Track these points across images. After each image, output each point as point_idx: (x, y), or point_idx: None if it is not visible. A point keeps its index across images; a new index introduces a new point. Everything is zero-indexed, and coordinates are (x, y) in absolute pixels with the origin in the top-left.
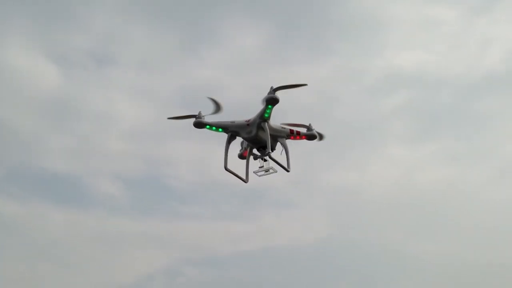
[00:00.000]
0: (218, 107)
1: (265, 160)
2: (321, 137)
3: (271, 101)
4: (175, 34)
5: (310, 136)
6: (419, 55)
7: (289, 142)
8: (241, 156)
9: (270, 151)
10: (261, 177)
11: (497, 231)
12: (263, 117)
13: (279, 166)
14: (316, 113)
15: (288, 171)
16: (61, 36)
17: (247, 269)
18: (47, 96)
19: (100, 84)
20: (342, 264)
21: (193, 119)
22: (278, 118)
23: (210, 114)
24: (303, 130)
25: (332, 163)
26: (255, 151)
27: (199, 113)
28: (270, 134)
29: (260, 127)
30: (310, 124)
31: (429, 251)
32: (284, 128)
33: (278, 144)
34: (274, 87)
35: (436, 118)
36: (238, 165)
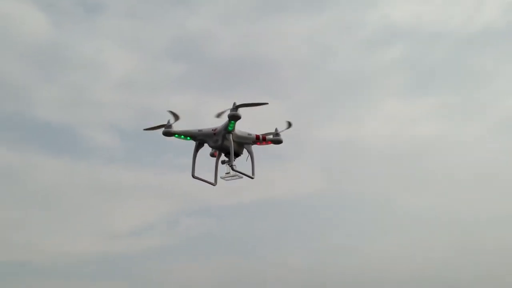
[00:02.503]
0: (176, 117)
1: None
2: (289, 124)
3: (234, 118)
4: None
5: (276, 141)
6: (416, 8)
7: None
8: (213, 155)
9: (233, 165)
10: (228, 181)
11: (491, 185)
12: (227, 130)
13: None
14: (310, 66)
15: (252, 178)
16: None
17: (243, 220)
18: (36, 44)
19: (90, 32)
20: (336, 215)
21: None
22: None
23: (173, 123)
24: (270, 136)
25: (327, 118)
26: (224, 156)
27: (168, 121)
28: (236, 141)
29: (225, 138)
30: (276, 129)
31: (422, 204)
32: (250, 134)
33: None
34: (237, 103)
35: (432, 72)
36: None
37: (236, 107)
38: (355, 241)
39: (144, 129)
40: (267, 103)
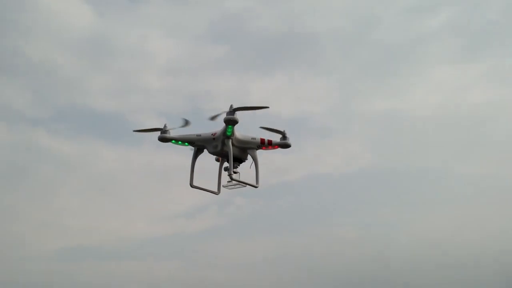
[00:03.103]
0: (186, 123)
1: (235, 173)
2: (280, 132)
3: (230, 122)
4: None
5: (284, 145)
6: None
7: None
8: (218, 160)
9: (232, 174)
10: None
11: None
12: (225, 135)
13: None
14: (353, 38)
15: (256, 187)
16: None
17: (291, 198)
18: (84, 36)
19: (134, 21)
20: (385, 189)
21: (158, 132)
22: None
23: (178, 127)
24: (276, 139)
25: (374, 90)
26: (227, 162)
27: (165, 126)
28: (239, 147)
29: (225, 143)
30: (284, 131)
31: (474, 173)
32: (255, 138)
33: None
34: (234, 106)
35: (483, 36)
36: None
37: (233, 110)
38: (408, 214)
39: (134, 131)
40: (267, 107)
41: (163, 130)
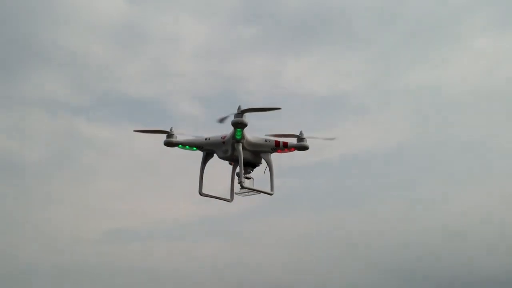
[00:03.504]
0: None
1: (248, 178)
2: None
3: (238, 126)
4: None
5: (301, 147)
6: None
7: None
8: (231, 163)
9: (242, 181)
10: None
11: None
12: (235, 139)
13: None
14: (387, 10)
15: (270, 194)
16: None
17: (330, 176)
18: (116, 23)
19: (164, 5)
20: (425, 165)
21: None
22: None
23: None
24: (292, 141)
25: (411, 63)
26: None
27: (171, 129)
28: (250, 150)
29: (235, 147)
30: (301, 132)
31: None
32: (269, 141)
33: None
34: (243, 108)
35: None
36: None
37: (241, 112)
38: (453, 189)
39: (135, 131)
40: (279, 108)
41: (169, 134)
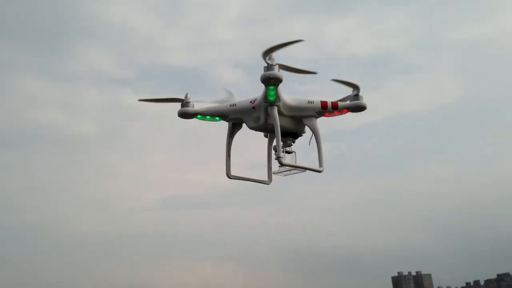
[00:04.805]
0: (230, 95)
1: (288, 153)
2: (354, 87)
3: (271, 81)
4: None
5: (356, 107)
6: None
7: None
8: (266, 136)
9: (281, 157)
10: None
11: None
12: (268, 101)
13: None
14: None
15: (320, 171)
16: None
17: (378, 139)
18: None
19: None
20: (478, 124)
21: (177, 104)
22: None
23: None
24: (343, 102)
25: (458, 18)
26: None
27: (186, 96)
28: (290, 116)
29: (269, 113)
30: (355, 89)
31: None
32: (312, 102)
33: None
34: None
35: None
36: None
37: (271, 65)
38: (503, 149)
39: (140, 100)
40: (315, 73)
41: (184, 103)
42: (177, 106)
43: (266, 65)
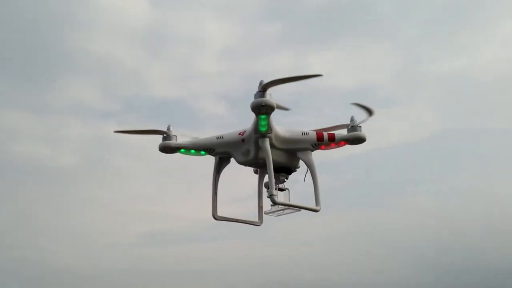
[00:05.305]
0: (369, 112)
1: (281, 190)
2: (370, 112)
3: (262, 109)
4: None
5: (354, 139)
6: None
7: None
8: (256, 172)
9: (274, 194)
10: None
11: None
12: (259, 131)
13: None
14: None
15: (316, 210)
16: None
17: (358, 172)
18: (140, 26)
19: (186, 6)
20: (460, 156)
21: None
22: None
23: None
24: (340, 132)
25: (437, 51)
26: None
27: (168, 128)
28: (283, 149)
29: (260, 146)
30: (353, 118)
31: None
32: (307, 133)
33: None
34: (265, 81)
35: None
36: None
37: (262, 88)
38: (489, 179)
39: (116, 131)
40: (321, 75)
41: (166, 136)
42: (161, 138)
43: (256, 92)
